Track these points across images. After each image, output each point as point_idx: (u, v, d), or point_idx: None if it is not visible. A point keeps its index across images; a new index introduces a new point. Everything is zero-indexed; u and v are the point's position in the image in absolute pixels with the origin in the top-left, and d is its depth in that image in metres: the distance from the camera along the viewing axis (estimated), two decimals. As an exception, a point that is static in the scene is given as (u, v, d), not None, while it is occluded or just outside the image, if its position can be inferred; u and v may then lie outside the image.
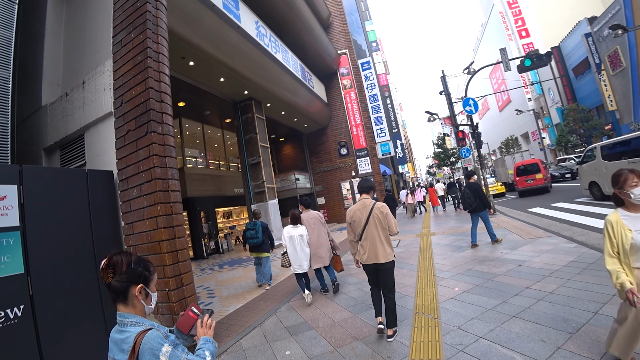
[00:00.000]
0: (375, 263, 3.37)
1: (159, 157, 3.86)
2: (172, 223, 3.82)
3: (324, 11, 18.26)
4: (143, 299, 1.26)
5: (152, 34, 4.21)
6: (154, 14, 4.32)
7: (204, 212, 13.31)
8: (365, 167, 17.35)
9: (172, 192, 3.92)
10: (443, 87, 14.50)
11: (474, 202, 7.13)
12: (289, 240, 5.26)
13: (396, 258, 3.67)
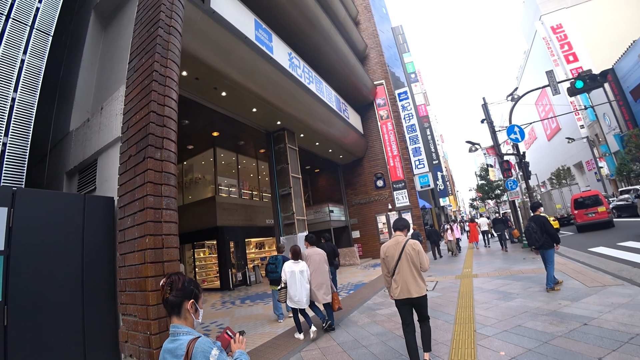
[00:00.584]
0: (408, 297, 3.40)
1: (154, 185, 3.52)
2: (162, 258, 3.39)
3: (360, 44, 18.36)
4: (193, 312, 1.47)
5: (160, 57, 4.04)
6: (165, 38, 4.18)
7: (234, 242, 13.04)
8: (403, 200, 16.34)
9: (166, 223, 3.52)
10: (485, 115, 13.49)
11: (541, 237, 6.10)
12: (290, 275, 5.17)
13: (431, 305, 3.62)
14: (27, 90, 5.05)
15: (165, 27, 4.24)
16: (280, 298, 5.21)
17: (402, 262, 3.46)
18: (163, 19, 4.23)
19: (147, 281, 3.24)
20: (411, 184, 16.65)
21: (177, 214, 3.83)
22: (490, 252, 13.72)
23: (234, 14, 8.54)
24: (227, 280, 11.82)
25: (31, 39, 5.14)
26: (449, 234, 13.87)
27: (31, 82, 5.07)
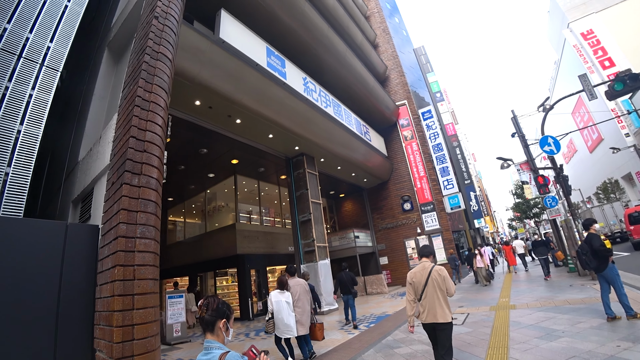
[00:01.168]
0: (434, 322, 3.54)
1: (127, 212, 3.31)
2: (132, 290, 3.10)
3: (380, 66, 18.24)
4: (224, 330, 1.70)
5: (145, 83, 3.97)
6: (152, 64, 4.13)
7: (255, 270, 12.72)
8: (432, 223, 15.36)
9: (140, 253, 3.26)
10: (515, 129, 12.54)
11: (593, 259, 5.28)
12: (277, 305, 5.16)
13: (458, 344, 3.83)
14: (32, 123, 5.16)
15: (153, 54, 4.20)
16: (268, 329, 5.13)
17: (429, 288, 3.62)
18: (151, 46, 4.20)
19: (113, 315, 2.95)
20: (440, 205, 15.68)
21: (158, 243, 3.58)
22: (530, 278, 12.33)
23: (244, 42, 8.69)
24: (247, 310, 11.40)
25: (40, 74, 5.32)
26: (478, 260, 12.42)
27: (37, 115, 5.20)
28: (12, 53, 5.03)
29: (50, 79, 5.57)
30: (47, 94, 5.46)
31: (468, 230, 22.85)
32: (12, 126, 4.99)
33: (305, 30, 11.23)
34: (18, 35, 5.07)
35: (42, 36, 5.38)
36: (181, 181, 13.88)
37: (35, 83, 5.40)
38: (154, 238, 3.48)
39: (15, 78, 5.10)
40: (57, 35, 5.33)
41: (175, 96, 8.03)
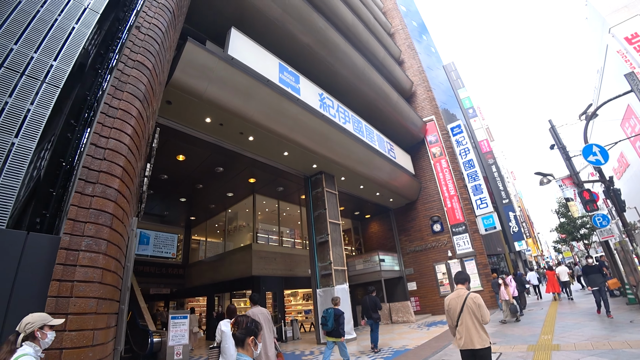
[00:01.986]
0: (472, 349, 3.51)
1: (73, 223, 3.03)
2: (67, 309, 2.76)
3: (405, 82, 17.68)
4: (253, 346, 1.95)
5: (115, 90, 3.82)
6: (126, 72, 3.99)
7: (272, 293, 12.21)
8: (465, 246, 14.04)
9: (82, 268, 2.93)
10: (554, 140, 11.27)
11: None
12: (223, 335, 4.86)
13: None
14: (27, 136, 5.19)
15: (128, 62, 4.06)
16: (211, 359, 4.84)
17: (464, 315, 3.63)
18: (127, 54, 4.08)
19: None
20: (473, 226, 14.36)
21: (112, 258, 3.25)
22: (578, 310, 10.61)
23: (255, 59, 8.63)
24: (259, 337, 10.81)
25: (40, 90, 5.41)
26: (502, 291, 10.39)
27: (33, 129, 5.23)
28: (15, 71, 5.06)
29: (50, 95, 5.63)
30: (45, 109, 5.51)
31: (508, 253, 20.79)
32: (7, 139, 4.96)
33: (321, 46, 11.10)
34: (23, 54, 5.10)
35: (47, 55, 5.40)
36: (201, 200, 13.96)
37: (35, 99, 5.43)
38: (104, 252, 3.15)
39: (15, 94, 5.14)
40: (61, 54, 5.32)
41: (185, 113, 8.07)
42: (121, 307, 3.83)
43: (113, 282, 3.30)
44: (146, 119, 4.27)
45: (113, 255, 3.29)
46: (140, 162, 4.41)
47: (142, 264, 14.76)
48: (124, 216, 3.59)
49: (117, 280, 3.46)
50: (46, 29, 5.44)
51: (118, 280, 3.54)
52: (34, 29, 5.25)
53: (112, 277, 3.27)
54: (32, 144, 5.30)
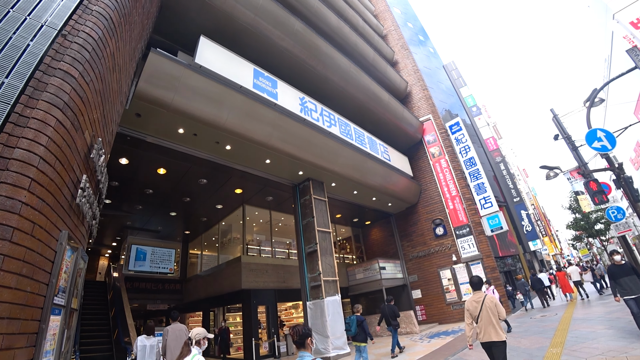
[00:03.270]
0: (490, 341, 4.27)
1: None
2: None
3: (399, 82, 17.30)
4: (310, 345, 2.58)
5: (28, 99, 3.66)
6: (43, 80, 3.84)
7: (265, 307, 11.84)
8: (470, 249, 13.34)
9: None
10: (559, 130, 10.63)
11: None
12: (140, 349, 5.66)
13: None
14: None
15: (48, 70, 3.91)
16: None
17: (483, 313, 4.36)
18: (47, 62, 3.94)
19: None
20: (478, 228, 13.67)
21: (8, 274, 3.01)
22: (596, 315, 9.72)
23: (226, 66, 8.49)
24: (250, 351, 10.42)
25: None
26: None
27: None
28: None
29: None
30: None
31: (522, 254, 19.74)
32: None
33: (301, 50, 10.92)
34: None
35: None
36: (192, 214, 13.85)
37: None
38: (0, 268, 2.92)
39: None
40: (13, 72, 5.18)
41: (156, 125, 7.95)
42: (41, 327, 3.60)
43: (15, 300, 3.06)
44: (75, 128, 4.09)
45: (15, 271, 3.06)
46: (72, 174, 4.23)
47: (139, 280, 14.67)
48: (36, 229, 3.38)
49: (24, 298, 3.23)
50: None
51: (29, 298, 3.31)
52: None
53: (13, 294, 3.03)
54: None
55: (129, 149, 8.78)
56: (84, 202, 4.55)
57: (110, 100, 5.45)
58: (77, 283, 4.57)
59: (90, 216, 4.99)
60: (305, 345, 2.61)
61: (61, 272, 3.95)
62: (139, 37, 6.76)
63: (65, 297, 4.10)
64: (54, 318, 3.84)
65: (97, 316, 10.58)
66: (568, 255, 55.25)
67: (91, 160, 4.71)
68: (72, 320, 4.53)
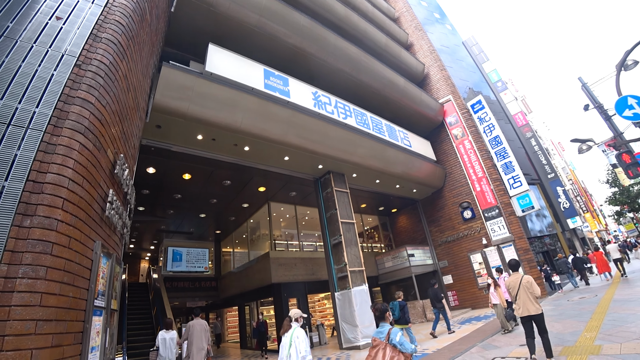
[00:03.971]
0: (529, 315, 4.97)
1: (11, 253, 3.25)
2: (3, 331, 2.93)
3: (414, 65, 16.89)
4: (388, 317, 3.42)
5: (53, 128, 4.06)
6: (65, 109, 4.23)
7: (296, 300, 12.23)
8: (500, 232, 12.97)
9: (18, 294, 3.11)
10: (589, 99, 10.05)
11: None
12: (161, 342, 6.71)
13: None
14: (15, 179, 5.67)
15: (68, 99, 4.30)
16: (151, 357, 6.65)
17: (521, 291, 5.05)
18: (66, 92, 4.32)
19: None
20: (508, 209, 13.22)
21: (53, 282, 3.44)
22: (638, 296, 9.17)
23: (237, 69, 8.74)
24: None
25: (25, 136, 5.91)
26: (492, 294, 8.42)
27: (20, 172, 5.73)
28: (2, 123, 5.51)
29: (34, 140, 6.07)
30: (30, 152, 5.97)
31: (561, 233, 18.80)
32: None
33: (309, 44, 10.96)
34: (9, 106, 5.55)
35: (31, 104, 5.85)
36: (220, 214, 14.45)
37: (21, 144, 5.85)
38: (44, 278, 3.35)
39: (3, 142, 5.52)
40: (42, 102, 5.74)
41: (176, 134, 8.38)
42: (85, 326, 4.06)
43: (60, 304, 3.49)
44: (97, 148, 4.48)
45: (57, 279, 3.48)
46: (100, 189, 4.66)
47: (177, 279, 15.64)
48: (72, 242, 3.80)
49: (68, 302, 3.66)
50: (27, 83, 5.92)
51: (72, 302, 3.74)
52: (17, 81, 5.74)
53: (58, 300, 3.46)
54: (20, 185, 5.75)
55: (154, 158, 9.32)
56: (113, 214, 4.98)
57: (129, 118, 5.85)
58: (114, 286, 5.04)
59: (120, 225, 5.44)
60: (385, 318, 3.40)
61: (99, 277, 4.40)
62: (150, 54, 7.14)
63: (105, 299, 4.56)
64: (96, 318, 4.30)
65: (141, 315, 11.45)
66: (615, 231, 51.39)
67: (116, 175, 5.13)
68: (114, 320, 5.02)
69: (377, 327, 3.35)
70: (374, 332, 3.28)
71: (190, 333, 6.66)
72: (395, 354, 3.07)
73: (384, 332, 3.23)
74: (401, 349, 3.09)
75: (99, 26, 5.29)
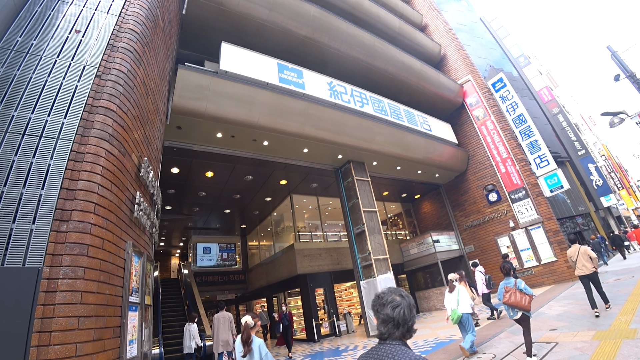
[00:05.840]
0: (586, 274, 6.45)
1: (52, 256, 3.51)
2: (50, 327, 3.21)
3: (431, 47, 16.38)
4: (511, 273, 5.26)
5: (80, 137, 4.28)
6: (90, 119, 4.44)
7: (323, 289, 12.42)
8: (528, 213, 12.54)
9: (61, 293, 3.38)
10: (620, 68, 9.47)
11: None
12: (186, 332, 7.99)
13: None
14: (50, 187, 6.02)
15: (91, 109, 4.50)
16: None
17: (580, 257, 6.55)
18: (90, 103, 4.52)
19: (30, 351, 3.09)
20: (536, 189, 12.73)
21: (91, 281, 3.68)
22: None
23: (250, 65, 8.81)
24: (312, 331, 11.10)
25: (56, 148, 6.22)
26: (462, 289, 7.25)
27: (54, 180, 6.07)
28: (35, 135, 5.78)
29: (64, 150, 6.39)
30: (62, 161, 6.30)
31: (594, 212, 17.91)
32: (36, 192, 5.71)
33: (321, 34, 10.86)
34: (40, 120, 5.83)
35: (59, 115, 6.13)
36: (244, 209, 14.76)
37: (53, 154, 6.13)
38: (82, 277, 3.59)
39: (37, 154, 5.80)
40: (69, 112, 6.04)
41: (196, 134, 8.60)
42: (122, 321, 4.33)
43: (98, 302, 3.73)
44: (122, 154, 4.69)
45: (94, 278, 3.72)
46: (128, 192, 4.89)
47: (207, 274, 16.22)
48: (105, 244, 4.03)
49: (105, 299, 3.91)
50: (54, 95, 6.21)
51: (109, 299, 3.99)
52: (45, 94, 6.04)
53: (96, 297, 3.70)
54: (55, 193, 6.10)
55: (177, 159, 9.63)
56: (141, 214, 5.22)
57: (149, 122, 6.05)
58: (147, 283, 5.30)
59: (149, 225, 5.69)
60: (510, 274, 5.01)
61: (132, 275, 4.64)
62: (165, 57, 7.31)
63: (139, 295, 4.81)
64: (132, 314, 4.56)
65: (175, 309, 12.00)
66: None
67: (141, 178, 5.36)
68: (148, 314, 5.29)
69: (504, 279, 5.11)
70: (502, 282, 5.02)
71: (217, 325, 7.40)
72: (522, 295, 4.79)
73: (510, 282, 4.92)
74: (525, 291, 4.83)
75: (114, 36, 5.47)
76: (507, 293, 4.93)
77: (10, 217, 5.00)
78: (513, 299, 4.82)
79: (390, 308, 1.41)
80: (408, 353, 1.31)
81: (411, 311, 1.43)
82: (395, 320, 1.39)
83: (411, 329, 1.43)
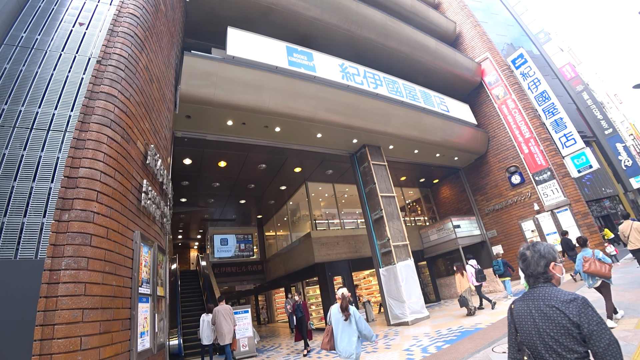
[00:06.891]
0: (636, 248, 6.90)
1: (53, 247, 3.36)
2: (53, 321, 3.07)
3: (445, 25, 15.60)
4: (589, 245, 5.75)
5: (81, 124, 4.11)
6: (90, 105, 4.26)
7: (341, 278, 12.20)
8: (554, 195, 11.86)
9: (64, 285, 3.24)
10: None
11: None
12: (202, 323, 8.20)
13: None
14: (42, 180, 5.94)
15: (92, 95, 4.32)
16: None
17: (632, 232, 6.86)
18: (90, 89, 4.34)
19: (33, 345, 2.97)
20: (562, 170, 12.01)
21: (95, 272, 3.53)
22: None
23: (259, 50, 8.53)
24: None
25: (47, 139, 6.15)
26: (458, 280, 9.31)
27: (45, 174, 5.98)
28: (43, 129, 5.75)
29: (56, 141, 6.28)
30: (54, 153, 6.20)
31: (623, 194, 16.84)
32: (27, 184, 5.53)
33: (331, 15, 10.43)
34: (47, 113, 5.80)
35: (65, 108, 6.07)
36: (259, 199, 14.64)
37: (44, 147, 5.97)
38: (85, 268, 3.44)
39: (28, 145, 5.64)
40: (75, 105, 5.94)
41: (206, 123, 8.43)
42: (132, 313, 4.19)
43: (104, 293, 3.58)
44: (126, 140, 4.51)
45: (99, 269, 3.57)
46: (134, 180, 4.73)
47: (225, 265, 16.28)
48: (110, 233, 3.88)
49: (112, 290, 3.76)
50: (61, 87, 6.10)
51: (116, 290, 3.85)
52: (52, 89, 5.93)
53: (101, 289, 3.55)
54: (47, 185, 6.00)
55: (189, 149, 9.50)
56: (150, 203, 5.06)
57: (156, 109, 5.86)
58: (159, 274, 5.16)
59: (159, 215, 5.54)
60: (587, 245, 5.42)
61: (141, 266, 4.48)
62: (170, 44, 7.10)
63: (150, 287, 4.65)
64: (142, 305, 4.40)
65: (194, 300, 12.10)
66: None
67: (148, 166, 5.18)
68: (161, 306, 5.17)
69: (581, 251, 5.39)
70: (581, 253, 5.31)
71: (218, 318, 7.63)
72: (601, 264, 4.97)
73: (588, 252, 5.20)
74: (604, 260, 5.05)
75: (114, 21, 5.26)
76: (586, 262, 5.13)
77: (21, 211, 4.94)
78: (593, 267, 5.00)
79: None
80: (560, 291, 1.67)
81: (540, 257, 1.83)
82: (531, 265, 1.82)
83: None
